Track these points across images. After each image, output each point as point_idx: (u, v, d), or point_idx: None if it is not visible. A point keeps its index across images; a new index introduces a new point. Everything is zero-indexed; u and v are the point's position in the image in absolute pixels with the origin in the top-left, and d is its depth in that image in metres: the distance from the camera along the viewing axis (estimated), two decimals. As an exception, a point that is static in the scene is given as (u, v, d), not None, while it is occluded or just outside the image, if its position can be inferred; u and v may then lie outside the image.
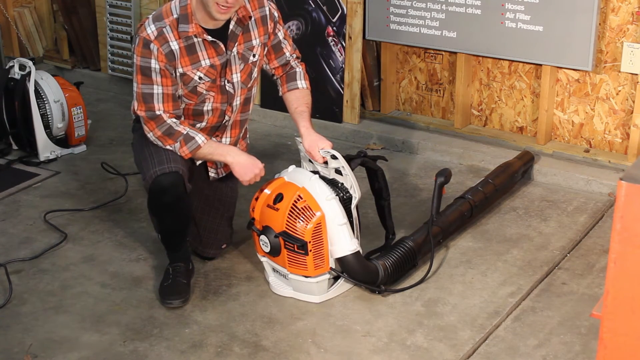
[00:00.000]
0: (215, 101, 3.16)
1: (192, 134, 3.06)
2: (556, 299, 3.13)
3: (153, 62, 2.99)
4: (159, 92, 3.02)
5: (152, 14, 3.09)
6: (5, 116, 4.35)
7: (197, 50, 3.05)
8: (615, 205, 1.77)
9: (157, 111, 3.03)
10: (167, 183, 3.00)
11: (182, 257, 3.22)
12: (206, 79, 3.09)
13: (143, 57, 3.00)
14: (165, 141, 3.06)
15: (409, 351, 2.85)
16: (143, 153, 3.12)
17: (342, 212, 3.06)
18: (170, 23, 3.00)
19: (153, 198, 3.07)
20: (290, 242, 3.02)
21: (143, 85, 3.03)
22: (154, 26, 3.01)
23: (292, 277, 3.10)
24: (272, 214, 3.07)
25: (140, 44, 3.00)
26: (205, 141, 3.06)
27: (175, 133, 3.05)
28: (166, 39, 3.00)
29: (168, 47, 3.00)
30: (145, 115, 3.05)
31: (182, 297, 3.12)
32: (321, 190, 3.06)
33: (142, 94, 3.04)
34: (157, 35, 2.99)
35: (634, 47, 3.84)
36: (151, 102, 3.03)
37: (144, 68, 3.00)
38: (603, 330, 1.89)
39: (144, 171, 3.08)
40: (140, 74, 3.02)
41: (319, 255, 3.05)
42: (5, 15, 5.36)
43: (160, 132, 3.05)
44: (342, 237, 3.06)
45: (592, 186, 3.94)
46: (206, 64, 3.07)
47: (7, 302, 3.15)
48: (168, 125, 3.04)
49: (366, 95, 4.68)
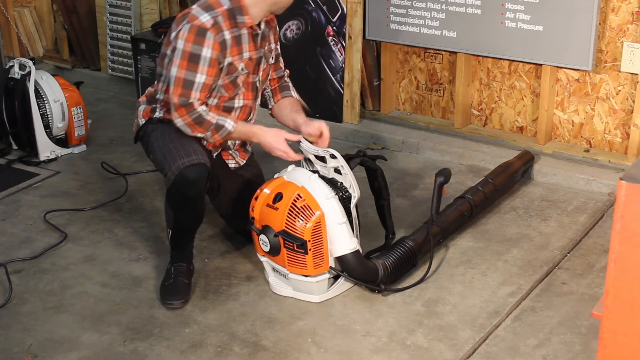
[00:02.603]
0: (245, 97, 3.25)
1: (221, 122, 3.12)
2: (556, 299, 3.13)
3: (205, 50, 3.04)
4: (201, 81, 3.07)
5: (196, 3, 3.15)
6: (5, 116, 4.35)
7: (242, 41, 3.14)
8: (615, 205, 1.77)
9: (190, 99, 3.08)
10: (195, 173, 3.05)
11: (186, 257, 3.23)
12: (245, 70, 3.19)
13: (195, 44, 3.03)
14: (195, 128, 3.12)
15: (409, 351, 2.85)
16: (167, 147, 3.15)
17: (341, 211, 3.06)
18: (221, 13, 3.07)
19: (177, 188, 3.08)
20: (289, 241, 3.02)
21: (187, 72, 3.06)
22: (207, 15, 3.06)
23: (292, 276, 3.10)
24: (271, 213, 3.07)
25: (194, 32, 3.04)
26: (234, 125, 3.14)
27: (205, 122, 3.11)
28: (220, 29, 3.06)
29: (222, 37, 3.07)
30: (178, 101, 3.08)
31: (183, 297, 3.12)
32: (320, 190, 3.06)
33: (183, 80, 3.06)
34: (213, 24, 3.05)
35: (634, 47, 3.84)
36: (189, 89, 3.07)
37: (194, 55, 3.04)
38: (603, 330, 1.89)
39: (169, 162, 3.10)
40: (186, 60, 3.05)
41: (319, 255, 3.05)
42: (5, 15, 5.36)
43: (191, 118, 3.10)
44: (342, 236, 3.06)
45: (592, 186, 3.94)
46: (246, 56, 3.17)
47: (7, 302, 3.15)
48: (198, 113, 3.09)
49: (366, 95, 4.68)
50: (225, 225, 3.63)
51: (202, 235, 3.60)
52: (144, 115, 3.32)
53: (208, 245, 3.55)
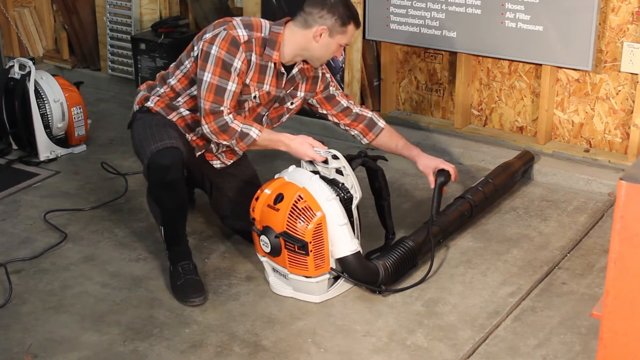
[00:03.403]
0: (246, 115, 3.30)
1: (245, 130, 3.15)
2: (556, 299, 3.13)
3: (237, 61, 3.12)
4: (232, 89, 3.13)
5: (240, 17, 3.23)
6: (5, 116, 4.35)
7: (266, 73, 3.20)
8: (615, 205, 1.77)
9: (222, 107, 3.12)
10: (168, 158, 3.07)
11: (186, 254, 3.23)
12: (258, 101, 3.25)
13: (229, 53, 3.11)
14: (220, 136, 3.16)
15: (409, 351, 2.85)
16: (145, 133, 3.19)
17: (342, 213, 3.05)
18: (256, 38, 3.16)
19: (153, 175, 3.11)
20: (290, 243, 3.02)
21: (220, 79, 3.12)
22: (245, 31, 3.15)
23: (293, 277, 3.10)
24: (272, 214, 3.07)
25: (229, 40, 3.11)
26: (259, 134, 3.16)
27: (229, 130, 3.14)
28: (251, 49, 3.14)
29: (250, 56, 3.15)
30: (209, 108, 3.12)
31: (203, 293, 3.14)
32: (322, 191, 3.06)
33: (217, 86, 3.12)
34: (246, 41, 3.13)
35: (634, 47, 3.84)
36: (221, 97, 3.12)
37: (227, 64, 3.11)
38: (603, 330, 1.89)
39: (145, 148, 3.14)
40: (220, 68, 3.11)
41: (320, 256, 3.05)
42: (5, 15, 5.36)
43: (217, 126, 3.13)
44: (343, 238, 3.05)
45: (592, 186, 3.94)
46: (266, 89, 3.23)
47: (7, 302, 3.15)
48: (225, 122, 3.13)
49: (366, 95, 4.68)
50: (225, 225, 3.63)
51: (202, 235, 3.61)
52: (138, 103, 3.38)
53: (208, 245, 3.55)
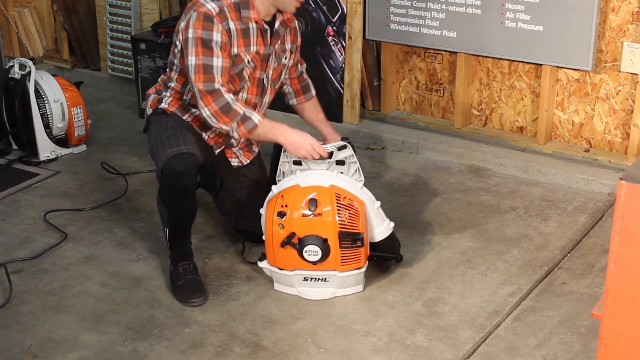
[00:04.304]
0: (249, 93, 3.26)
1: (248, 114, 3.07)
2: (556, 299, 3.13)
3: (215, 34, 3.06)
4: (219, 64, 3.07)
5: None
6: (5, 116, 4.35)
7: (250, 34, 3.17)
8: (615, 205, 1.77)
9: (216, 83, 3.05)
10: (182, 164, 3.04)
11: (187, 254, 3.23)
12: (252, 64, 3.20)
13: (205, 29, 3.06)
14: (220, 118, 3.06)
15: (409, 351, 2.85)
16: (161, 137, 3.16)
17: (373, 197, 3.15)
18: (227, 5, 3.12)
19: (166, 180, 3.08)
20: (346, 240, 3.03)
21: (204, 57, 3.05)
22: (214, 4, 3.10)
23: (342, 274, 3.10)
24: (314, 222, 3.03)
25: (201, 18, 3.06)
26: (261, 120, 3.09)
27: (232, 111, 3.05)
28: (226, 17, 3.10)
29: (227, 25, 3.10)
30: (204, 88, 3.05)
31: (203, 293, 3.13)
32: (350, 182, 3.11)
33: (203, 65, 3.05)
34: (218, 12, 3.09)
35: (634, 47, 3.84)
36: (211, 73, 3.05)
37: (206, 40, 3.05)
38: (603, 330, 1.89)
39: (160, 153, 3.10)
40: (200, 46, 3.05)
41: (366, 243, 3.13)
42: (5, 15, 5.36)
43: (218, 107, 3.05)
44: (380, 218, 3.17)
45: (592, 186, 3.94)
46: (253, 50, 3.19)
47: (7, 302, 3.15)
48: (226, 101, 3.05)
49: (366, 95, 4.68)
50: (225, 225, 3.63)
51: (202, 235, 3.61)
52: (151, 106, 3.35)
53: (208, 245, 3.55)
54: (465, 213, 3.76)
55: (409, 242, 3.48)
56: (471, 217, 3.72)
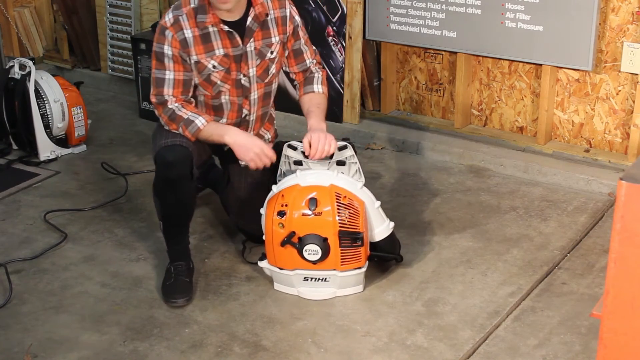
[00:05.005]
0: (231, 94, 3.25)
1: (192, 118, 3.13)
2: (556, 299, 3.13)
3: (166, 47, 3.13)
4: (170, 77, 3.15)
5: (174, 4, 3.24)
6: (5, 116, 4.35)
7: (212, 39, 3.16)
8: (615, 205, 1.77)
9: (165, 96, 3.15)
10: (173, 155, 3.08)
11: (183, 254, 3.23)
12: (220, 67, 3.19)
13: (158, 43, 3.15)
14: (170, 125, 3.16)
15: (409, 351, 2.85)
16: (160, 130, 3.22)
17: (373, 196, 3.14)
18: (187, 12, 3.14)
19: (158, 171, 3.12)
20: (346, 239, 3.03)
21: (157, 70, 3.16)
22: (171, 14, 3.15)
23: (342, 274, 3.10)
24: (313, 221, 3.03)
25: (158, 31, 3.16)
26: (205, 123, 3.13)
27: (177, 117, 3.14)
28: (181, 27, 3.12)
29: (182, 35, 3.12)
30: (155, 100, 3.17)
31: (186, 295, 3.13)
32: (349, 182, 3.11)
33: (155, 79, 3.17)
34: (173, 23, 3.13)
35: (634, 47, 3.84)
36: (162, 87, 3.16)
37: (158, 54, 3.15)
38: (603, 330, 1.89)
39: (155, 144, 3.18)
40: (155, 60, 3.16)
41: (366, 243, 3.12)
42: (5, 15, 5.36)
43: (166, 116, 3.16)
44: (380, 218, 3.16)
45: (592, 186, 3.94)
46: (220, 53, 3.17)
47: (7, 302, 3.15)
48: (172, 110, 3.14)
49: (366, 95, 4.68)
50: (225, 225, 3.63)
51: (202, 235, 3.61)
52: None
53: (208, 245, 3.55)
54: (465, 213, 3.76)
55: (409, 242, 3.48)
56: (471, 217, 3.72)
